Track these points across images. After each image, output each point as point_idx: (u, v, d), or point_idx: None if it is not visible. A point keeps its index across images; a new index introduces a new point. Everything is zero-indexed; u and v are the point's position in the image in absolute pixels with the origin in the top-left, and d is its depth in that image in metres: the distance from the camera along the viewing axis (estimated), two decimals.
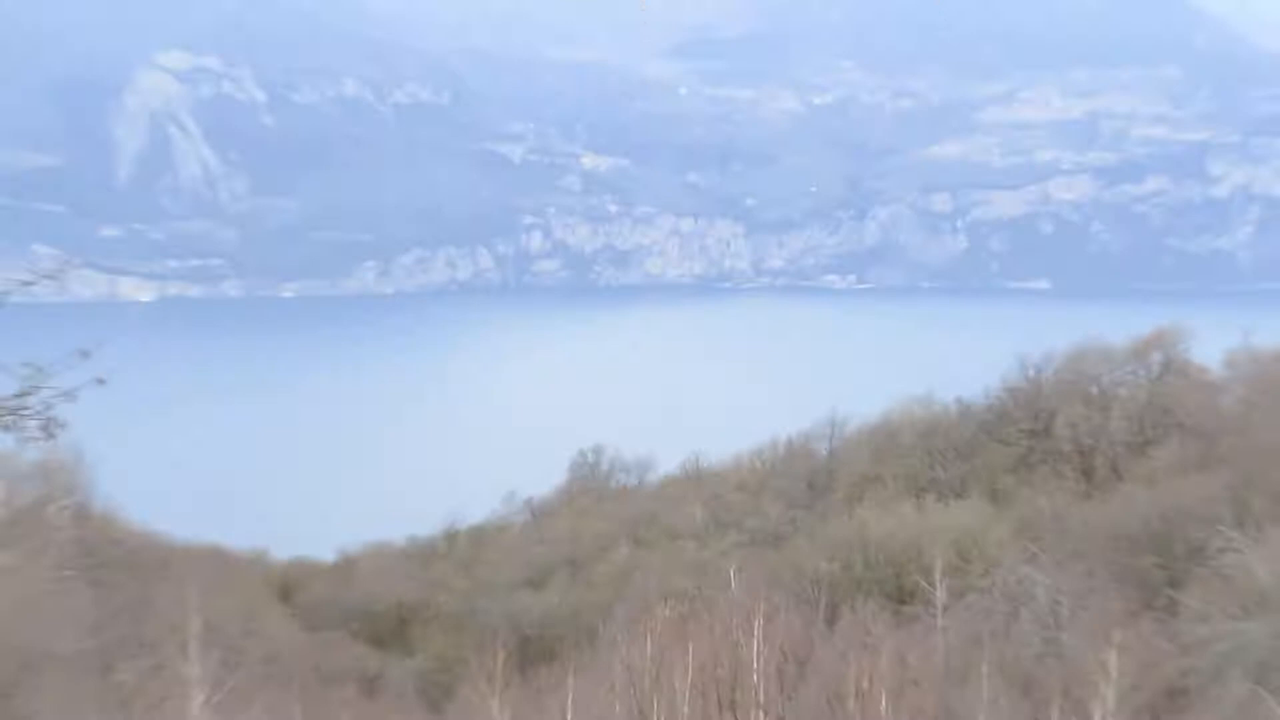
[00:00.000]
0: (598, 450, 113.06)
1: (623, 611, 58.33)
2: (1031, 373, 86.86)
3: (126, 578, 67.59)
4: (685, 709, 26.80)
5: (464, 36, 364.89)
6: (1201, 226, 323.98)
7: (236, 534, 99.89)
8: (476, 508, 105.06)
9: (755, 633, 30.04)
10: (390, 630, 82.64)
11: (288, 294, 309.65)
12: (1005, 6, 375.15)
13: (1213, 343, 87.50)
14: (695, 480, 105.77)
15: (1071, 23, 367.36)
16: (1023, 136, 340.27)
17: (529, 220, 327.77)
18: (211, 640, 53.78)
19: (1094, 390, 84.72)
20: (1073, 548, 66.15)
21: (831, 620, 40.48)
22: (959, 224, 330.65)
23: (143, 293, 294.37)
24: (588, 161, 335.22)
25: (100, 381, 8.17)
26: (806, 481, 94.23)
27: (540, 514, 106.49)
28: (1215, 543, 56.68)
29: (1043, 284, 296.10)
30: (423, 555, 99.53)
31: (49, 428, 8.13)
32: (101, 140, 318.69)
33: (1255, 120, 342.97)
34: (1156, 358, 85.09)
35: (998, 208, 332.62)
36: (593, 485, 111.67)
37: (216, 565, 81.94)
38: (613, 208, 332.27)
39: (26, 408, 8.03)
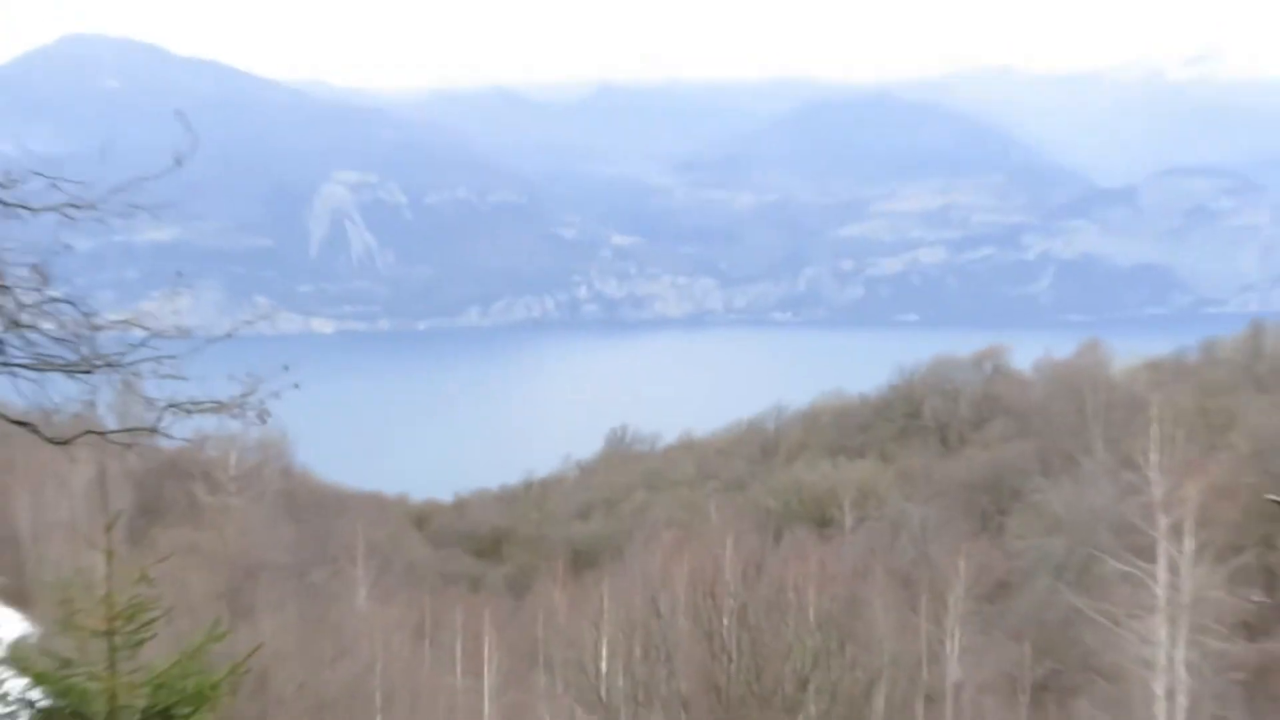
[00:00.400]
0: (623, 428, 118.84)
1: (640, 535, 62.66)
2: (907, 375, 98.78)
3: (316, 514, 77.80)
4: (680, 598, 29.96)
5: (536, 157, 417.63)
6: (1016, 279, 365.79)
7: (388, 484, 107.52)
8: (544, 466, 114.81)
9: (727, 548, 34.00)
10: (488, 547, 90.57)
11: (421, 327, 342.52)
12: (888, 137, 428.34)
13: (1024, 355, 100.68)
14: (688, 447, 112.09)
15: (932, 147, 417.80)
16: (900, 221, 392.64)
17: (577, 278, 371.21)
18: (371, 554, 60.34)
19: (947, 386, 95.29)
20: (934, 491, 79.63)
21: (777, 539, 51.83)
22: (859, 279, 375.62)
23: (325, 328, 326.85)
24: (616, 240, 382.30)
25: (296, 385, 8.27)
26: (760, 448, 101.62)
27: (585, 470, 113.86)
28: (1028, 486, 72.99)
29: (913, 317, 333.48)
30: (510, 497, 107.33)
31: (262, 415, 8.16)
32: (300, 229, 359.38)
33: (1050, 209, 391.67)
34: (988, 365, 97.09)
35: (884, 268, 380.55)
36: (619, 450, 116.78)
37: (374, 505, 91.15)
38: (632, 270, 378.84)
39: (248, 402, 8.01)
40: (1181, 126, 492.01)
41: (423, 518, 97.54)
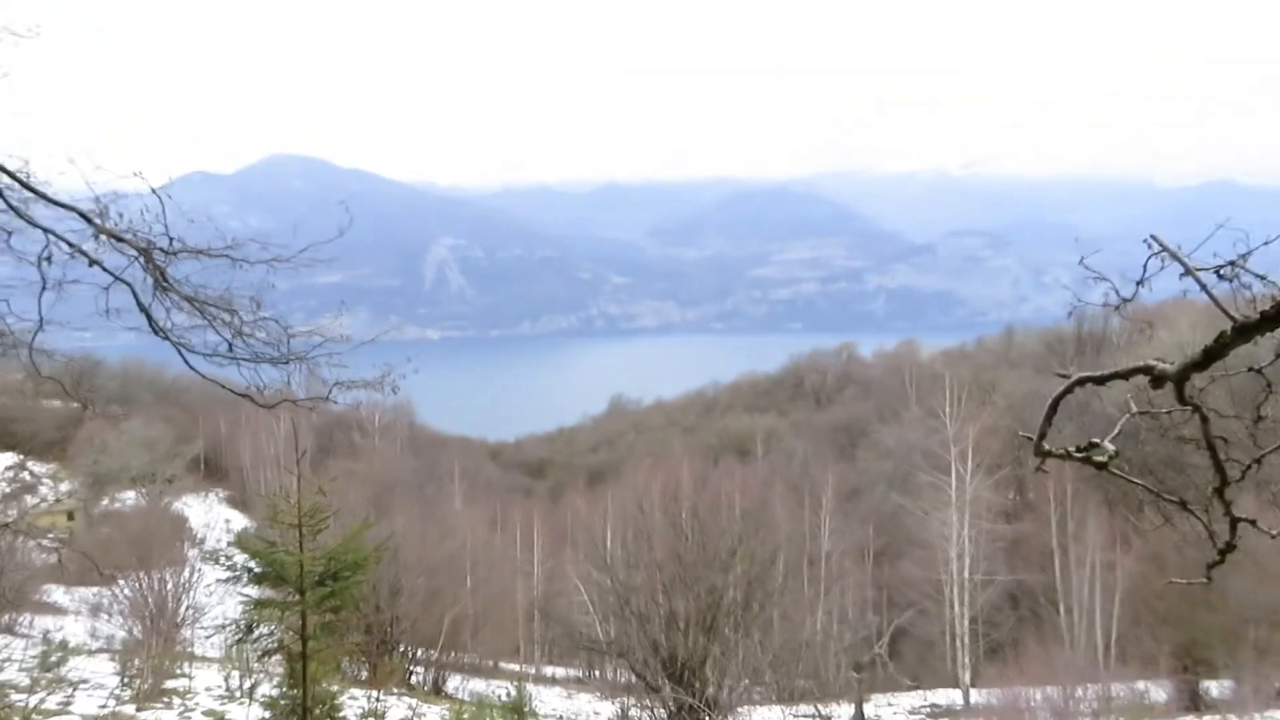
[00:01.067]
0: (620, 395, 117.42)
1: (631, 462, 63.13)
2: (795, 361, 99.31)
3: (428, 451, 76.63)
4: (656, 500, 28.19)
5: (564, 228, 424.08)
6: (861, 301, 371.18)
7: (473, 431, 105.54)
8: (569, 419, 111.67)
9: (684, 469, 36.78)
10: (536, 470, 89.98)
11: (493, 334, 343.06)
12: (783, 213, 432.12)
13: (867, 349, 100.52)
14: (660, 406, 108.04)
15: (809, 219, 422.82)
16: (788, 265, 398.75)
17: (590, 303, 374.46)
18: (462, 475, 69.11)
19: (819, 368, 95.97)
20: (812, 433, 78.58)
21: (715, 464, 52.78)
22: (765, 301, 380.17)
23: (434, 335, 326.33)
24: (615, 279, 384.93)
25: (416, 371, 7.78)
26: (704, 406, 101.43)
27: (596, 421, 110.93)
28: (870, 430, 70.97)
29: (799, 326, 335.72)
30: (549, 438, 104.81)
31: (393, 388, 7.49)
32: (418, 274, 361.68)
33: (882, 257, 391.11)
34: (844, 354, 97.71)
35: (780, 295, 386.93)
36: (618, 409, 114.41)
37: (464, 445, 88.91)
38: (624, 297, 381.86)
39: (386, 381, 7.46)
40: (962, 204, 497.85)
41: (495, 452, 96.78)
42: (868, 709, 28.55)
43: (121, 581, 22.48)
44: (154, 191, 6.34)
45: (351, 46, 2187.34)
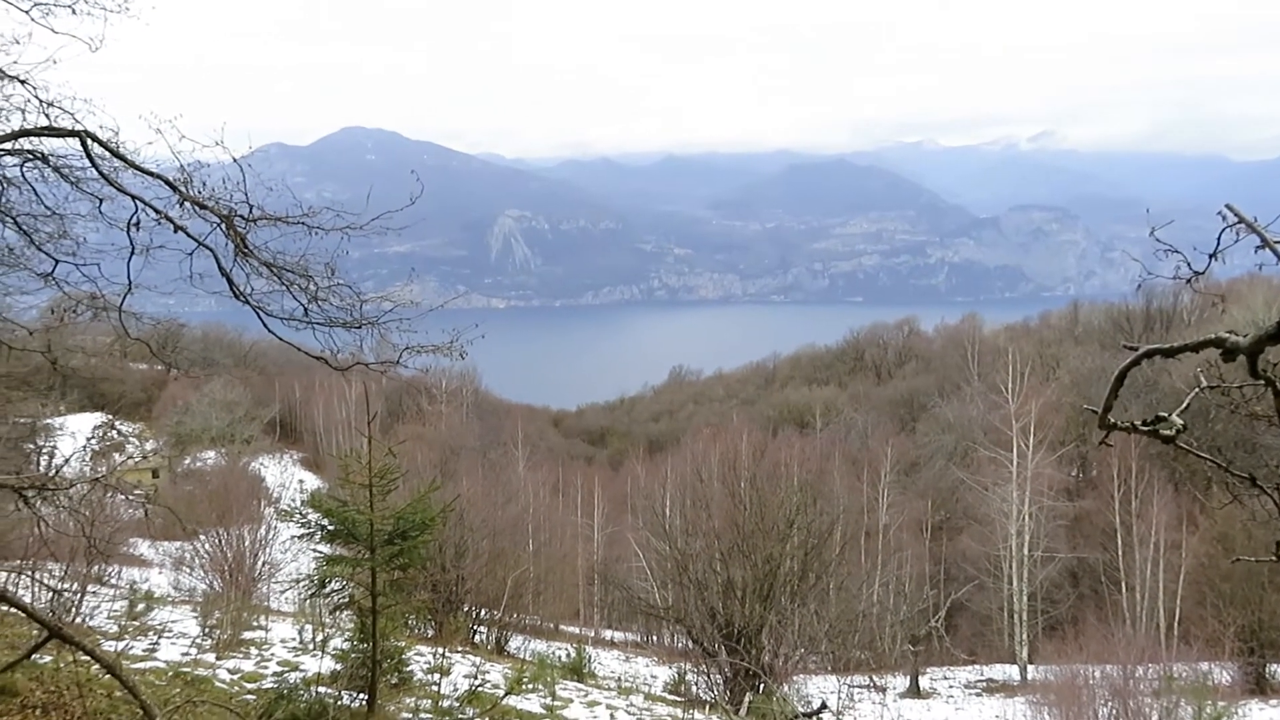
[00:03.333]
0: (680, 366, 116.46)
1: (689, 432, 59.95)
2: (855, 335, 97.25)
3: (492, 416, 78.32)
4: (714, 469, 29.26)
5: (626, 200, 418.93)
6: (923, 275, 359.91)
7: (536, 399, 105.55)
8: (631, 388, 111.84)
9: (743, 439, 36.00)
10: (597, 438, 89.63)
11: (557, 304, 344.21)
12: (844, 187, 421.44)
13: (928, 323, 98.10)
14: (719, 378, 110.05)
15: (871, 193, 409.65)
16: (849, 239, 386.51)
17: (652, 274, 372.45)
18: (526, 441, 69.17)
19: (880, 341, 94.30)
20: (872, 406, 76.30)
21: (774, 435, 52.39)
22: (825, 275, 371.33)
23: (500, 305, 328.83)
24: (676, 251, 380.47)
25: (483, 336, 7.74)
26: (764, 378, 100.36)
27: (656, 391, 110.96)
28: (930, 404, 71.12)
29: (859, 299, 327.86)
30: (610, 407, 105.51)
31: (461, 353, 7.50)
32: (484, 244, 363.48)
33: (945, 231, 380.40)
34: (906, 329, 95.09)
35: (841, 268, 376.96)
36: (678, 379, 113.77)
37: (528, 412, 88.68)
38: (685, 269, 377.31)
39: (454, 347, 7.48)
40: (1028, 178, 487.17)
41: (557, 419, 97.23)
42: (923, 681, 28.78)
43: (202, 537, 23.22)
44: (235, 161, 6.50)
45: (420, 18, 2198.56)
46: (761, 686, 16.74)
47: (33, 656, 6.59)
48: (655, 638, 33.48)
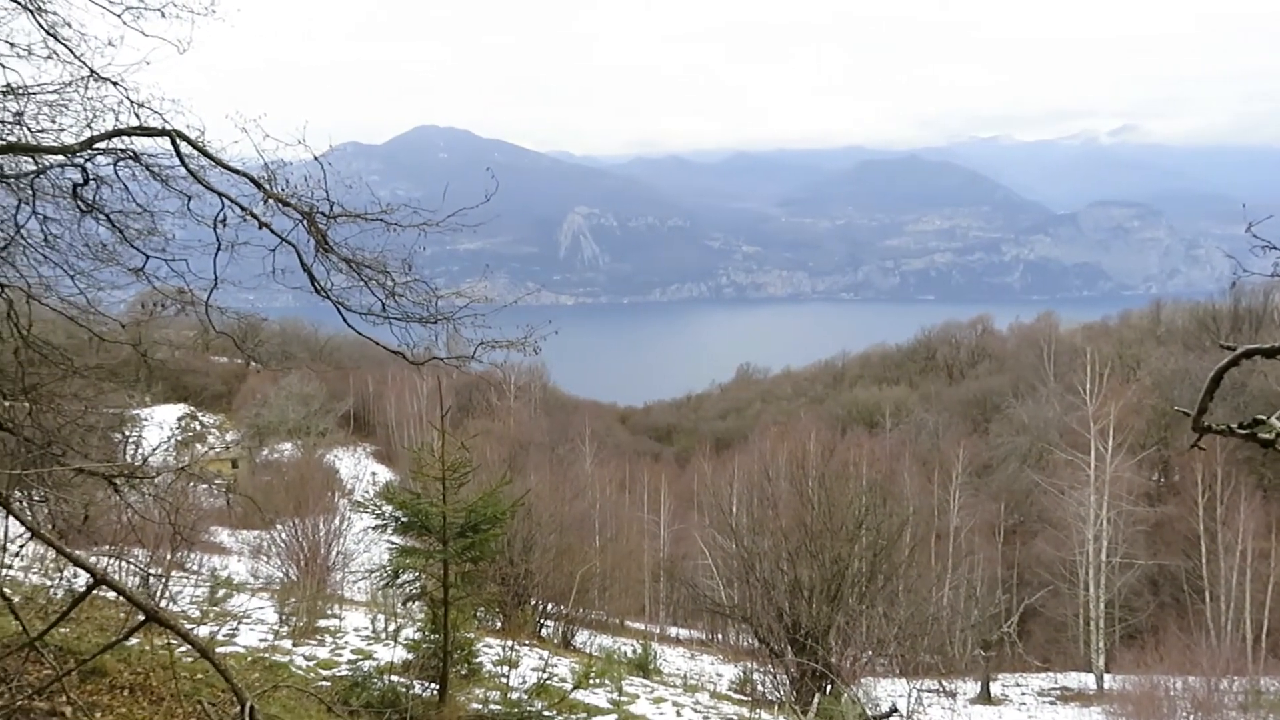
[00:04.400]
0: (748, 364, 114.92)
1: (757, 430, 62.24)
2: (926, 333, 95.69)
3: (560, 413, 78.97)
4: (782, 468, 29.72)
5: (695, 198, 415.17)
6: (997, 273, 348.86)
7: (604, 395, 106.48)
8: (698, 386, 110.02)
9: (812, 438, 35.80)
10: (664, 435, 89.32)
11: (625, 301, 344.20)
12: (915, 183, 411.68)
13: (1002, 322, 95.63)
14: (787, 376, 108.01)
15: (944, 189, 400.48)
16: (922, 236, 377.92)
17: (720, 272, 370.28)
18: (593, 438, 69.53)
19: (952, 340, 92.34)
20: (943, 406, 75.43)
21: (843, 435, 48.95)
22: (896, 272, 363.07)
23: (568, 301, 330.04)
24: (745, 248, 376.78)
25: (556, 332, 7.72)
26: (833, 377, 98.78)
27: (724, 389, 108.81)
28: (1003, 404, 69.20)
29: (931, 297, 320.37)
30: (677, 404, 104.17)
31: (535, 349, 7.54)
32: (553, 242, 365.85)
33: (1021, 228, 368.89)
34: (979, 327, 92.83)
35: (912, 266, 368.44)
36: (745, 377, 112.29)
37: (596, 408, 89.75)
38: (754, 266, 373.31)
39: (528, 342, 7.49)
40: (1108, 173, 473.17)
41: (624, 416, 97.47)
42: (994, 688, 28.33)
43: (279, 526, 23.83)
44: (316, 159, 6.66)
45: (492, 19, 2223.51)
46: (829, 688, 16.54)
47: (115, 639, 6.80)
48: (720, 636, 33.39)
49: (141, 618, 4.73)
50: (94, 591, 4.53)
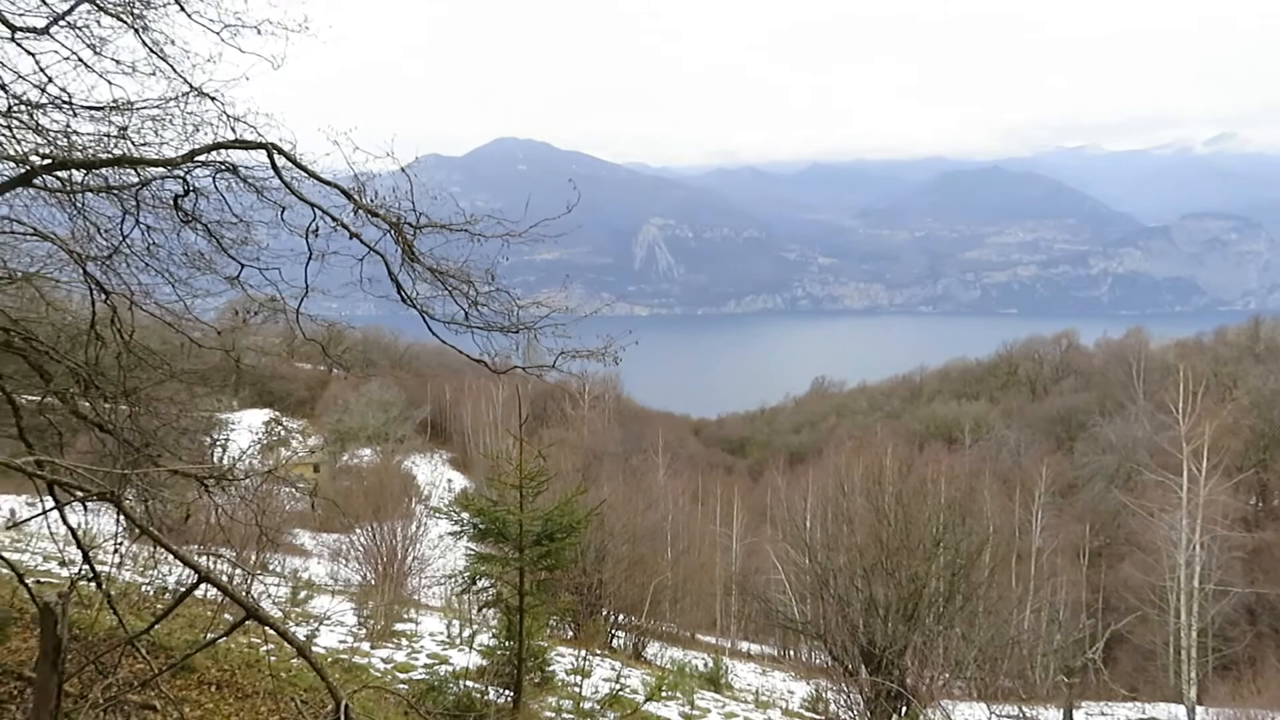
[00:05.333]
0: (823, 376, 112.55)
1: (832, 444, 58.48)
2: (1008, 348, 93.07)
3: (634, 424, 77.79)
4: (857, 483, 28.59)
5: (770, 208, 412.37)
6: (1084, 287, 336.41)
7: (678, 407, 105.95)
8: (772, 398, 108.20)
9: (888, 454, 32.33)
10: (737, 447, 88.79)
11: (699, 313, 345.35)
12: (998, 194, 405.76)
13: (1089, 338, 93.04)
14: (863, 390, 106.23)
15: (1027, 200, 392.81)
16: (1005, 248, 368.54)
17: (795, 284, 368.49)
18: (666, 449, 69.15)
19: (1035, 355, 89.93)
20: (1025, 423, 73.72)
21: (920, 450, 48.74)
22: (977, 285, 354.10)
23: (643, 312, 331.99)
24: (821, 260, 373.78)
25: (636, 343, 7.77)
26: (910, 391, 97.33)
27: (798, 402, 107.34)
28: (1089, 423, 67.44)
29: (1014, 311, 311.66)
30: (751, 416, 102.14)
31: (615, 359, 7.57)
32: (629, 253, 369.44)
33: (1109, 241, 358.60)
34: (1064, 342, 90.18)
35: (994, 279, 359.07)
36: (820, 390, 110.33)
37: (669, 420, 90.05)
38: (830, 278, 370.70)
39: (608, 352, 7.51)
40: (1203, 184, 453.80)
41: (698, 428, 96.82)
42: (1077, 715, 27.30)
43: (358, 530, 24.34)
44: (403, 170, 6.82)
45: (570, 30, 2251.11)
46: (905, 709, 16.23)
47: (207, 635, 7.00)
48: (793, 652, 33.01)
49: (242, 615, 4.86)
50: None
